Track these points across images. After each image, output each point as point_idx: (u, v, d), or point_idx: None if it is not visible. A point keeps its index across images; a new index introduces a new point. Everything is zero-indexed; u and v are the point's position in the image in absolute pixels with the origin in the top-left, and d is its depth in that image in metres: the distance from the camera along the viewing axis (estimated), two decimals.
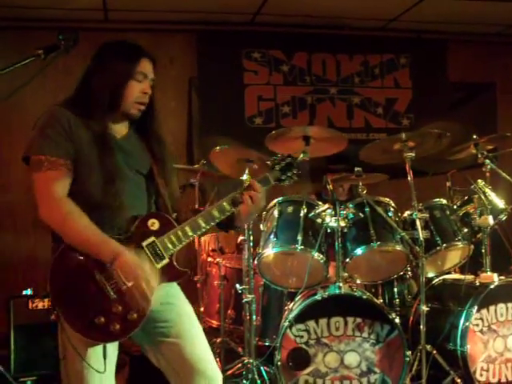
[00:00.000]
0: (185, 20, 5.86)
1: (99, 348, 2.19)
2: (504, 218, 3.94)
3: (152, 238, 2.23)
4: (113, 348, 2.27)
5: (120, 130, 2.37)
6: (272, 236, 3.68)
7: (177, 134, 5.94)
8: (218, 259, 4.40)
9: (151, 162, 2.39)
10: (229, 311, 4.35)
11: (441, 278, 4.11)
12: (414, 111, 6.34)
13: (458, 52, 6.53)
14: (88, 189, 2.21)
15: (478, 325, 3.65)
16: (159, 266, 2.23)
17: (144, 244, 2.22)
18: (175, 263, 2.28)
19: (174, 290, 2.44)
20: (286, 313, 3.71)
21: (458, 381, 3.56)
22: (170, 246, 2.24)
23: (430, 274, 4.10)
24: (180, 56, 5.99)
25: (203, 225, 2.31)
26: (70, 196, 2.19)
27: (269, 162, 2.58)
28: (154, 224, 2.27)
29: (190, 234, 2.28)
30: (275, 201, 3.83)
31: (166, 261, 2.24)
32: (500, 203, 3.93)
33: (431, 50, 6.44)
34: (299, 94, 6.13)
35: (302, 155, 3.62)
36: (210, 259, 4.55)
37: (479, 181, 4.01)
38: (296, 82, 6.13)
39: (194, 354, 2.35)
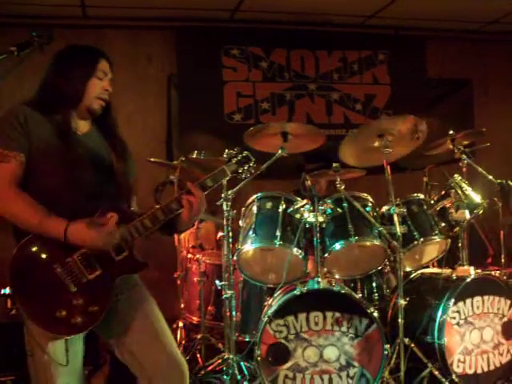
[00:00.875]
0: (163, 17, 5.86)
1: (62, 341, 2.22)
2: (480, 212, 3.98)
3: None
4: (77, 341, 2.31)
5: (82, 126, 2.45)
6: (251, 232, 3.69)
7: (156, 132, 5.95)
8: (197, 256, 4.41)
9: (111, 157, 2.45)
10: (209, 307, 4.37)
11: (419, 271, 4.15)
12: (392, 107, 6.39)
13: (436, 48, 6.59)
14: (47, 182, 2.26)
15: (454, 318, 3.69)
16: (119, 258, 2.26)
17: None
18: (135, 255, 2.31)
19: (136, 283, 2.48)
20: (266, 308, 3.73)
21: (436, 373, 3.59)
22: (128, 238, 2.27)
23: (408, 268, 4.13)
24: (159, 53, 6.00)
25: (162, 217, 2.32)
26: (28, 189, 2.24)
27: (225, 155, 2.59)
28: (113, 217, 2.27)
29: (149, 226, 2.30)
30: (254, 197, 3.84)
31: (125, 253, 2.27)
32: (476, 198, 3.97)
33: (409, 47, 6.51)
34: (278, 90, 6.15)
35: (280, 151, 3.67)
36: (189, 256, 4.56)
37: (456, 176, 4.05)
38: (275, 78, 6.16)
39: (157, 346, 2.37)
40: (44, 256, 2.20)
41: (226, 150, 2.62)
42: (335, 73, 6.30)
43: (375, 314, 3.48)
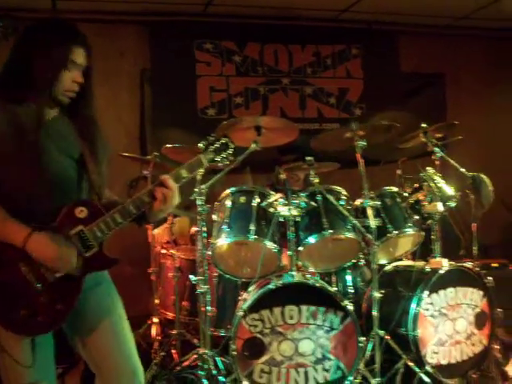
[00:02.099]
0: (136, 11, 5.82)
1: (27, 341, 2.16)
2: (453, 204, 4.01)
3: (80, 227, 2.18)
4: (46, 340, 2.24)
5: (51, 113, 2.31)
6: (225, 226, 3.67)
7: (130, 127, 5.90)
8: (171, 251, 4.38)
9: (82, 146, 2.31)
10: (184, 303, 4.34)
11: (393, 264, 4.18)
12: (366, 101, 6.43)
13: (408, 43, 6.64)
14: (9, 175, 2.15)
15: (428, 309, 3.71)
16: (88, 254, 2.18)
17: (72, 233, 2.17)
18: (105, 251, 2.24)
19: (104, 280, 2.39)
20: (241, 303, 3.71)
21: (410, 364, 3.61)
22: (99, 234, 2.19)
23: (383, 261, 4.15)
24: (131, 48, 5.95)
25: (133, 211, 2.24)
26: None
27: (202, 144, 2.52)
28: (82, 212, 2.20)
29: (120, 220, 2.22)
30: (228, 191, 3.82)
31: (95, 249, 2.19)
32: (449, 190, 4.00)
33: (382, 41, 6.55)
34: (252, 84, 6.15)
35: (253, 145, 3.66)
36: (163, 251, 4.52)
37: (429, 168, 4.08)
38: (248, 72, 6.15)
39: (116, 350, 2.32)
40: (9, 253, 2.11)
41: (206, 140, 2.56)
42: (309, 67, 6.31)
43: (350, 307, 3.49)
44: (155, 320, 4.46)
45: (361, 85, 6.45)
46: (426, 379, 3.57)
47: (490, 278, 3.90)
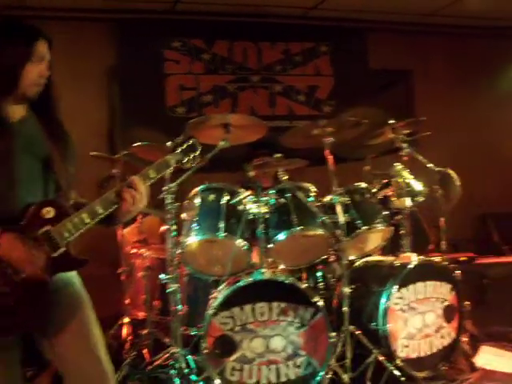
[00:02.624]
0: (103, 8, 5.76)
1: None
2: (421, 200, 4.06)
3: (47, 227, 2.14)
4: (12, 343, 2.20)
5: (17, 112, 2.28)
6: (194, 224, 3.66)
7: (97, 126, 5.83)
8: (141, 250, 4.36)
9: (50, 146, 2.29)
10: (155, 302, 4.32)
11: (363, 260, 4.20)
12: (335, 98, 6.46)
13: (377, 40, 6.68)
14: None
15: (398, 303, 3.75)
16: (55, 255, 2.15)
17: (39, 233, 2.13)
18: (73, 252, 2.21)
19: (72, 281, 2.35)
20: (211, 301, 3.70)
21: (381, 358, 3.64)
22: (66, 234, 2.16)
23: (353, 257, 4.17)
24: (99, 45, 5.88)
25: (101, 211, 2.22)
26: None
27: (170, 145, 2.54)
28: (49, 212, 2.17)
29: (88, 221, 2.20)
30: (197, 189, 3.81)
31: (62, 250, 2.16)
32: (417, 186, 4.05)
33: (351, 38, 6.59)
34: (221, 82, 6.13)
35: (222, 143, 3.65)
36: (133, 250, 4.49)
37: (397, 164, 4.12)
38: (217, 70, 6.13)
39: (85, 352, 2.28)
40: None
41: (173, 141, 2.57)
42: (278, 64, 6.31)
43: (320, 303, 3.51)
44: (126, 320, 4.43)
45: (330, 82, 6.47)
46: (397, 373, 3.60)
47: (458, 272, 3.96)
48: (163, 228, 3.79)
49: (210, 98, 6.07)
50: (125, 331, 4.40)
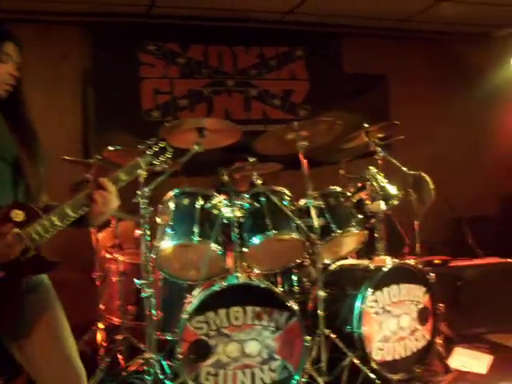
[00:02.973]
0: (79, 12, 5.71)
1: None
2: (396, 203, 4.08)
3: (16, 230, 2.11)
4: None
5: None
6: (168, 229, 3.64)
7: (72, 130, 5.80)
8: (115, 255, 4.32)
9: (19, 148, 2.27)
10: (130, 307, 4.28)
11: (338, 263, 4.21)
12: (310, 102, 6.48)
13: (352, 45, 6.72)
14: None
15: (373, 307, 3.77)
16: (25, 258, 2.12)
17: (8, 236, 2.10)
18: (44, 255, 2.18)
19: (43, 285, 2.33)
20: (186, 305, 3.69)
21: (356, 362, 3.65)
22: (36, 236, 2.13)
23: (328, 260, 4.19)
24: (74, 49, 5.85)
25: (71, 213, 2.20)
26: None
27: (141, 147, 2.54)
28: (18, 215, 2.13)
29: (58, 223, 2.17)
30: (171, 193, 3.79)
31: (32, 252, 2.13)
32: (392, 189, 4.07)
33: (326, 43, 6.62)
34: (196, 86, 6.12)
35: (196, 147, 3.64)
36: (108, 256, 4.46)
37: (371, 168, 4.14)
38: (193, 74, 6.12)
39: (56, 355, 2.26)
40: None
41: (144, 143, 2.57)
42: (253, 69, 6.33)
43: (295, 307, 3.51)
44: (100, 326, 4.39)
45: (305, 86, 6.49)
46: (372, 376, 3.62)
47: (432, 275, 3.98)
48: (137, 232, 3.75)
49: (186, 102, 6.05)
50: (99, 337, 4.35)
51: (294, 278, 4.20)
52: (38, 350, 2.24)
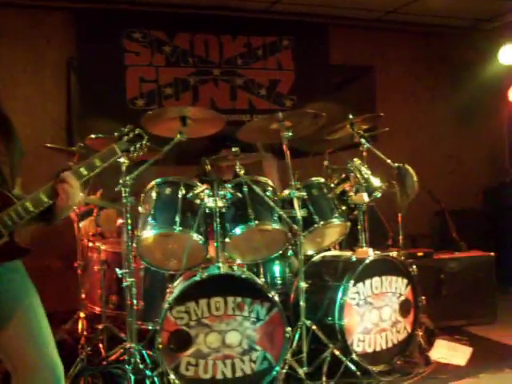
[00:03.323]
0: None
1: None
2: (379, 195, 4.07)
3: None
4: None
5: None
6: (150, 218, 3.61)
7: (56, 118, 5.75)
8: (98, 244, 4.29)
9: None
10: (112, 296, 4.25)
11: (320, 255, 4.21)
12: (296, 93, 6.45)
13: (339, 36, 6.71)
14: None
15: (354, 298, 3.78)
16: None
17: None
18: (17, 240, 2.18)
19: (18, 272, 2.30)
20: (168, 295, 3.67)
21: (337, 353, 3.65)
22: (9, 222, 2.13)
23: (310, 252, 4.19)
24: (58, 35, 5.78)
25: (45, 199, 2.20)
26: None
27: (116, 133, 2.54)
28: None
29: (32, 209, 2.17)
30: (153, 182, 3.76)
31: (5, 238, 2.13)
32: (375, 181, 4.06)
33: (313, 33, 6.59)
34: (182, 75, 6.08)
35: (178, 136, 3.62)
36: (90, 244, 4.43)
37: (355, 159, 4.13)
38: (178, 63, 6.08)
39: (32, 346, 2.23)
40: None
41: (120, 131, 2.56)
42: (239, 58, 6.29)
43: (276, 298, 3.50)
44: (82, 315, 4.37)
45: (292, 76, 6.47)
46: (352, 367, 3.62)
47: (414, 267, 3.99)
48: (119, 221, 3.72)
49: (171, 90, 6.01)
50: (80, 326, 4.33)
51: (277, 268, 4.18)
52: (13, 341, 2.22)
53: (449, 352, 4.03)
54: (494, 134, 7.28)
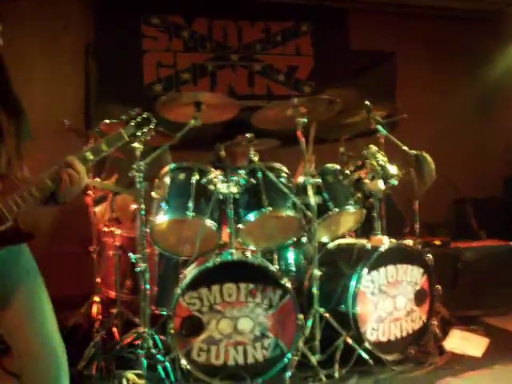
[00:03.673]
0: None
1: None
2: (395, 182, 4.02)
3: None
4: None
5: None
6: (163, 203, 3.61)
7: (74, 103, 5.77)
8: (113, 229, 4.30)
9: (2, 119, 2.23)
10: (127, 281, 4.27)
11: (336, 242, 4.18)
12: (315, 79, 6.40)
13: (359, 20, 6.62)
14: None
15: (368, 287, 3.74)
16: (3, 228, 2.12)
17: None
18: (21, 225, 2.17)
19: (23, 257, 2.31)
20: (181, 281, 3.67)
21: (349, 341, 3.63)
22: (14, 207, 2.12)
23: (325, 239, 4.16)
24: (76, 21, 5.79)
25: (49, 184, 2.19)
26: None
27: (124, 117, 2.52)
28: None
29: (36, 194, 2.17)
30: (167, 168, 3.76)
31: (9, 223, 2.13)
32: (391, 169, 4.00)
33: (333, 18, 6.52)
34: (200, 60, 6.06)
35: (192, 121, 3.60)
36: (105, 229, 4.44)
37: (371, 146, 4.08)
38: (196, 48, 6.06)
39: (34, 331, 2.24)
40: None
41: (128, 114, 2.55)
42: (258, 43, 6.25)
43: (288, 285, 3.49)
44: (96, 299, 4.39)
45: (310, 62, 6.41)
46: (365, 356, 3.60)
47: (430, 256, 3.93)
48: (133, 207, 3.71)
49: (188, 76, 5.99)
50: (95, 310, 4.35)
51: (291, 255, 4.16)
52: (14, 323, 2.22)
53: (465, 342, 3.98)
54: None
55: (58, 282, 2.50)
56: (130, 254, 3.64)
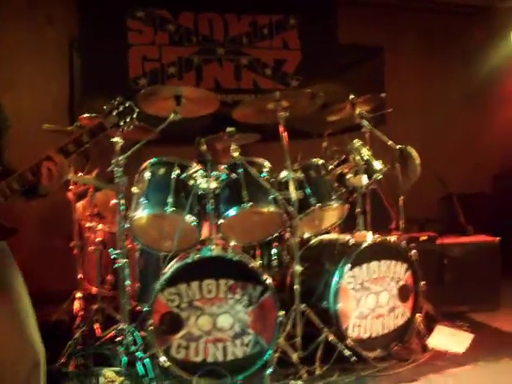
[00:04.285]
0: None
1: None
2: (379, 178, 3.98)
3: None
4: None
5: None
6: (143, 198, 3.56)
7: (58, 97, 5.71)
8: (94, 224, 4.26)
9: None
10: (108, 277, 4.23)
11: (318, 238, 4.14)
12: (302, 72, 6.34)
13: (348, 14, 6.55)
14: None
15: (351, 282, 3.70)
16: None
17: None
18: (2, 221, 2.15)
19: (3, 254, 2.28)
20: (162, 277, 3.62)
21: (331, 338, 3.59)
22: None
23: (308, 234, 4.12)
24: (60, 15, 5.72)
25: (30, 177, 2.19)
26: None
27: (105, 107, 2.48)
28: None
29: (17, 187, 2.17)
30: (147, 162, 3.71)
31: None
32: (376, 163, 3.97)
33: (321, 12, 6.46)
34: (185, 54, 6.00)
35: (172, 115, 3.55)
36: (87, 224, 4.39)
37: (355, 141, 4.04)
38: (182, 42, 5.99)
39: (11, 328, 2.20)
40: None
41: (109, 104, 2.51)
42: (245, 37, 6.19)
43: (269, 281, 3.45)
44: (78, 295, 4.35)
45: (298, 56, 6.35)
46: (347, 352, 3.56)
47: (414, 251, 3.89)
48: (113, 202, 3.67)
49: (174, 69, 5.93)
50: (77, 305, 4.31)
51: (274, 251, 4.11)
52: None
53: (448, 338, 3.94)
54: (506, 117, 7.11)
55: (42, 277, 2.45)
56: (111, 250, 3.60)
